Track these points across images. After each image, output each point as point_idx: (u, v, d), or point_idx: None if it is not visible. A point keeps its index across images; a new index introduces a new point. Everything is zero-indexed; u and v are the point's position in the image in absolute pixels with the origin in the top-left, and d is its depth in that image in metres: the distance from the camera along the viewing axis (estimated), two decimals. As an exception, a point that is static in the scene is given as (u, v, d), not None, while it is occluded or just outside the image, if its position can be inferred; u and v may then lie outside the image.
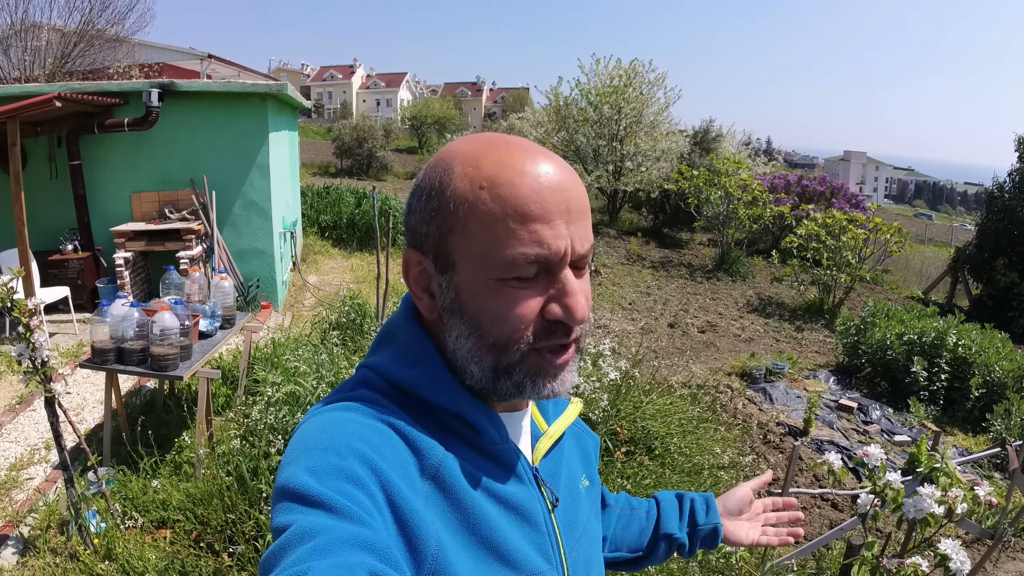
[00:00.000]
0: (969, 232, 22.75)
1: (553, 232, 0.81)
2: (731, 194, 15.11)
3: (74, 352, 6.83)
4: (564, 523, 0.99)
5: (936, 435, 3.73)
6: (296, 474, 0.73)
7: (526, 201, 0.80)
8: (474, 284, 0.84)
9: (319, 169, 32.06)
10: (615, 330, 9.73)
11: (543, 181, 0.82)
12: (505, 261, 0.81)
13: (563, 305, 0.83)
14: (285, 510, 0.70)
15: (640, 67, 18.92)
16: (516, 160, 0.83)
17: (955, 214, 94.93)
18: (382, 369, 0.92)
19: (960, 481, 2.34)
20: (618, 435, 4.89)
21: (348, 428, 0.80)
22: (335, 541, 0.64)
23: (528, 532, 0.90)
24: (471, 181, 0.83)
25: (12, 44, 14.60)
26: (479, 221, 0.82)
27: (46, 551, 3.82)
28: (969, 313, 12.46)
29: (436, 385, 0.88)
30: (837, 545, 4.54)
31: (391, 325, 0.97)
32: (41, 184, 8.23)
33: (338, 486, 0.71)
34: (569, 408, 1.10)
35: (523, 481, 0.93)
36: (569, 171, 0.86)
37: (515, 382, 0.86)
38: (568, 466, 1.06)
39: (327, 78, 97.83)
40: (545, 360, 0.85)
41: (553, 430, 1.04)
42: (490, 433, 0.90)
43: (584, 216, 0.86)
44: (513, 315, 0.82)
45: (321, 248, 13.69)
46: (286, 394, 4.64)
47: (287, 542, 0.66)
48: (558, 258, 0.82)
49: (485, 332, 0.84)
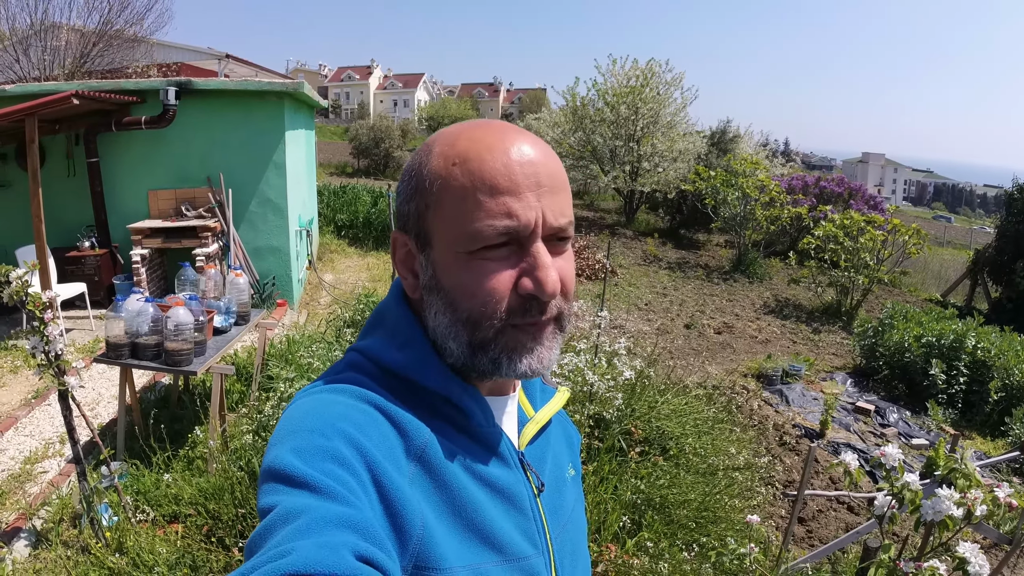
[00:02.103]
0: (988, 235, 22.55)
1: (522, 204, 0.82)
2: (748, 195, 15.03)
3: (90, 348, 6.87)
4: (550, 509, 0.98)
5: (955, 438, 3.68)
6: (281, 455, 0.73)
7: (494, 174, 0.82)
8: (448, 259, 0.85)
9: (336, 169, 32.19)
10: (631, 330, 9.70)
11: (513, 155, 0.83)
12: (474, 232, 0.82)
13: (534, 278, 0.83)
14: (270, 491, 0.70)
15: (657, 67, 18.89)
16: (488, 137, 0.85)
17: (974, 216, 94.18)
18: (371, 352, 0.92)
19: (979, 483, 2.30)
20: (632, 435, 4.86)
21: (334, 409, 0.80)
22: (319, 521, 0.64)
23: (514, 516, 0.90)
24: (445, 159, 0.85)
25: (32, 44, 14.72)
26: (450, 196, 0.83)
27: (58, 544, 3.83)
28: (988, 316, 12.31)
29: (423, 367, 0.89)
30: (853, 549, 4.50)
31: (381, 309, 0.98)
32: (59, 181, 8.31)
33: (323, 466, 0.71)
34: (556, 396, 1.10)
35: (508, 465, 0.93)
36: (543, 148, 0.87)
37: (491, 358, 0.86)
38: (554, 453, 1.06)
39: (344, 79, 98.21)
40: (519, 337, 0.85)
41: (540, 416, 1.03)
42: (476, 415, 0.90)
43: (558, 191, 0.86)
44: (484, 288, 0.83)
45: (337, 247, 13.73)
46: (299, 390, 4.63)
47: (272, 523, 0.66)
48: (528, 230, 0.82)
49: (459, 307, 0.85)
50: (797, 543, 4.84)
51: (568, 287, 0.88)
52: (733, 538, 3.87)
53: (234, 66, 19.42)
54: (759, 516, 3.43)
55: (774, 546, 4.27)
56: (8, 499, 4.37)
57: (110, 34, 15.48)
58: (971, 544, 2.17)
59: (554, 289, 0.83)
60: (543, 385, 1.11)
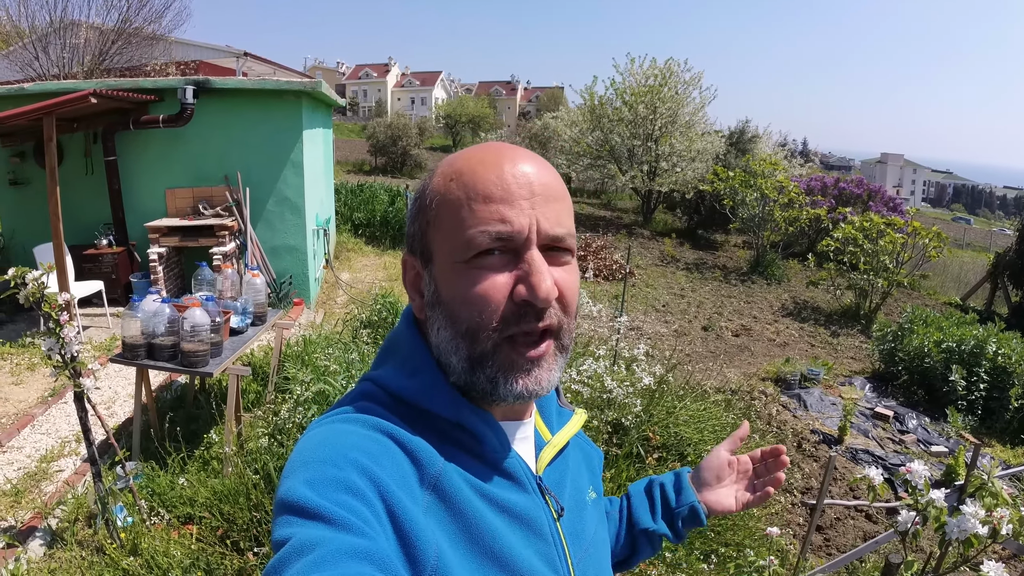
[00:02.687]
0: (1009, 237, 22.34)
1: (515, 210, 0.83)
2: (767, 196, 14.96)
3: (107, 346, 6.89)
4: (571, 533, 0.97)
5: (976, 448, 3.62)
6: (294, 487, 0.73)
7: (487, 184, 0.84)
8: (446, 270, 0.86)
9: (353, 167, 32.25)
10: (648, 332, 9.66)
11: (506, 168, 0.85)
12: (468, 240, 0.83)
13: (528, 284, 0.82)
14: (284, 523, 0.70)
15: (675, 66, 18.85)
16: (484, 154, 0.88)
17: (994, 218, 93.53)
18: (383, 381, 0.92)
19: (1006, 500, 2.25)
20: (650, 440, 4.83)
21: (347, 440, 0.80)
22: (334, 553, 0.64)
23: (533, 542, 0.88)
24: (444, 176, 0.88)
25: (51, 42, 14.81)
26: (446, 209, 0.86)
27: (73, 544, 3.84)
28: (1009, 321, 12.19)
29: (435, 394, 0.88)
30: (871, 558, 4.45)
31: (393, 337, 0.99)
32: (77, 179, 8.34)
33: (337, 498, 0.71)
34: (573, 418, 1.09)
35: (526, 490, 0.92)
36: (540, 163, 0.89)
37: (488, 376, 0.85)
38: (573, 476, 1.06)
39: (362, 76, 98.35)
40: (517, 353, 0.85)
41: (557, 439, 1.03)
42: (491, 441, 0.89)
43: (554, 200, 0.86)
44: (479, 297, 0.83)
45: (354, 246, 13.74)
46: (315, 393, 4.63)
47: (286, 556, 0.66)
48: (523, 236, 0.83)
49: (457, 319, 0.85)
50: (815, 551, 4.80)
51: (567, 299, 0.87)
52: (752, 549, 3.83)
53: (252, 64, 19.47)
54: (777, 525, 3.39)
55: (791, 555, 4.23)
56: (24, 497, 4.39)
57: (129, 32, 15.55)
58: (996, 564, 2.13)
59: (547, 294, 0.82)
60: (560, 408, 1.09)
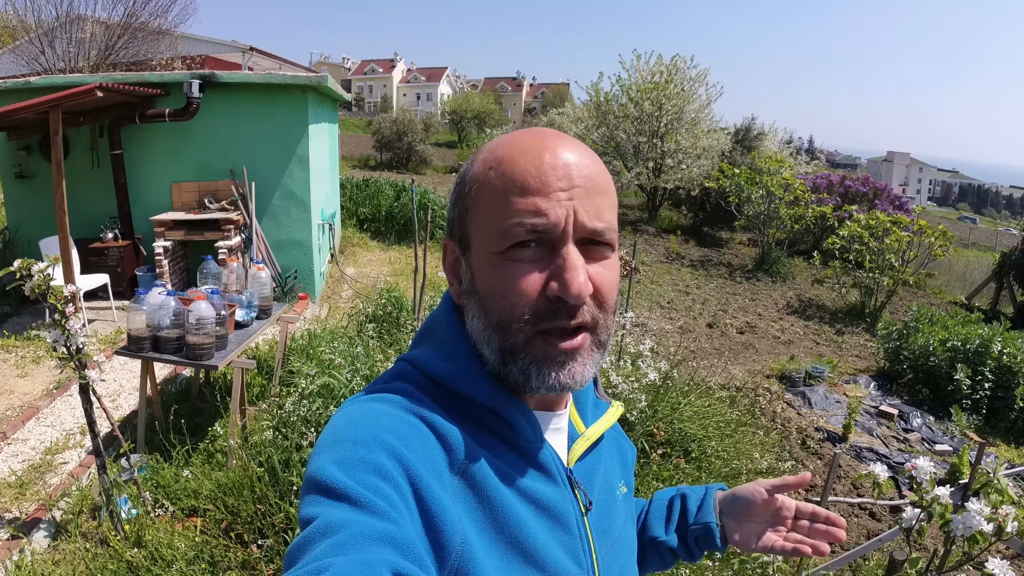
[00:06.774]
0: (1014, 237, 22.25)
1: (550, 202, 0.81)
2: (773, 193, 14.93)
3: (112, 339, 6.90)
4: (597, 528, 0.96)
5: (981, 447, 3.61)
6: (324, 466, 0.73)
7: (525, 175, 0.82)
8: (482, 261, 0.85)
9: (359, 162, 32.21)
10: (653, 329, 9.65)
11: (546, 158, 0.83)
12: (503, 231, 0.82)
13: (560, 280, 0.80)
14: (312, 502, 0.70)
15: (681, 63, 18.80)
16: (525, 142, 0.85)
17: (1000, 218, 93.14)
18: (419, 362, 0.92)
19: (1012, 498, 2.25)
20: (655, 436, 4.83)
21: (379, 420, 0.79)
22: (358, 536, 0.64)
23: (559, 534, 0.88)
24: (484, 163, 0.86)
25: (57, 36, 14.86)
26: (485, 198, 0.84)
27: (77, 535, 3.84)
28: (1014, 320, 12.14)
29: (471, 379, 0.87)
30: (874, 556, 4.44)
31: (432, 319, 0.98)
32: (83, 173, 8.36)
33: (364, 479, 0.70)
34: (609, 411, 1.07)
35: (556, 482, 0.91)
36: (583, 151, 0.86)
37: (520, 367, 0.84)
38: (605, 470, 1.04)
39: (368, 72, 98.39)
40: (551, 346, 0.83)
41: (591, 432, 1.01)
42: (524, 429, 0.88)
43: (595, 193, 0.84)
44: (512, 290, 0.82)
45: (359, 240, 13.73)
46: (320, 386, 4.63)
47: (311, 535, 0.66)
48: (559, 229, 0.81)
49: (490, 310, 0.84)
50: (818, 549, 4.78)
51: (604, 295, 0.85)
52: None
53: (258, 59, 19.50)
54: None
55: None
56: (29, 489, 4.40)
57: (135, 26, 15.60)
58: (1001, 561, 2.12)
59: (579, 291, 0.80)
60: (596, 400, 1.08)
